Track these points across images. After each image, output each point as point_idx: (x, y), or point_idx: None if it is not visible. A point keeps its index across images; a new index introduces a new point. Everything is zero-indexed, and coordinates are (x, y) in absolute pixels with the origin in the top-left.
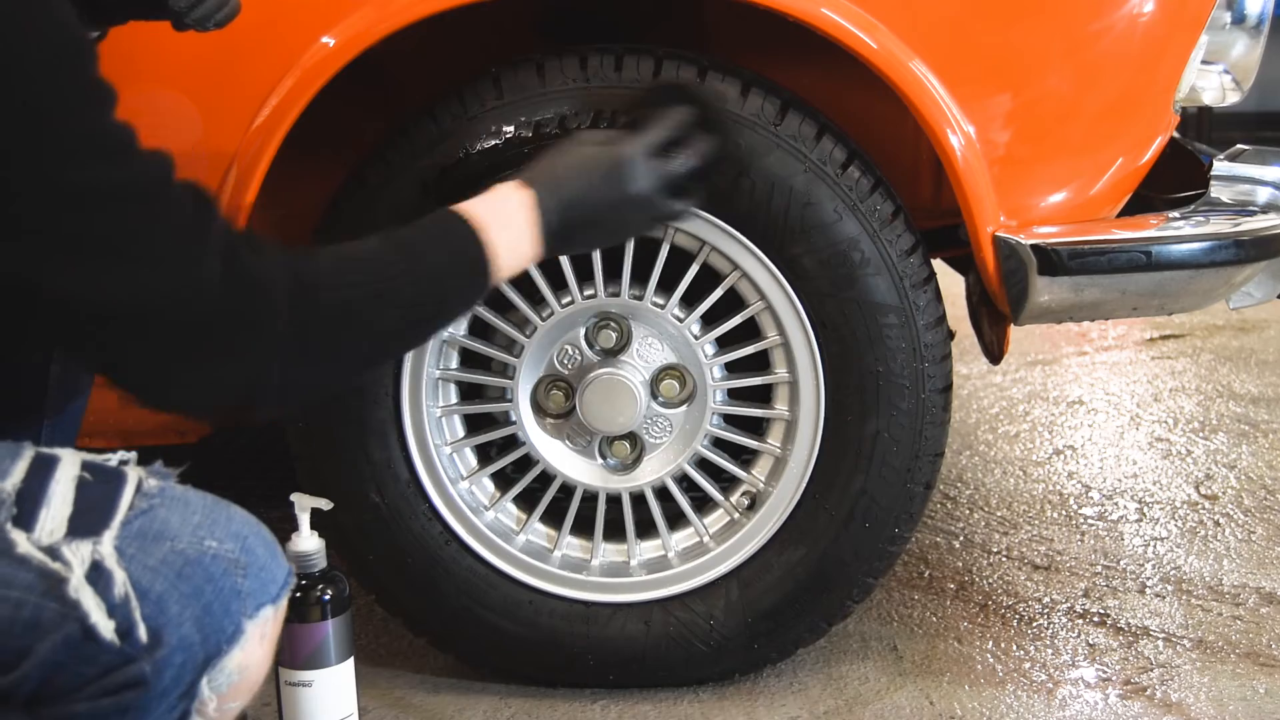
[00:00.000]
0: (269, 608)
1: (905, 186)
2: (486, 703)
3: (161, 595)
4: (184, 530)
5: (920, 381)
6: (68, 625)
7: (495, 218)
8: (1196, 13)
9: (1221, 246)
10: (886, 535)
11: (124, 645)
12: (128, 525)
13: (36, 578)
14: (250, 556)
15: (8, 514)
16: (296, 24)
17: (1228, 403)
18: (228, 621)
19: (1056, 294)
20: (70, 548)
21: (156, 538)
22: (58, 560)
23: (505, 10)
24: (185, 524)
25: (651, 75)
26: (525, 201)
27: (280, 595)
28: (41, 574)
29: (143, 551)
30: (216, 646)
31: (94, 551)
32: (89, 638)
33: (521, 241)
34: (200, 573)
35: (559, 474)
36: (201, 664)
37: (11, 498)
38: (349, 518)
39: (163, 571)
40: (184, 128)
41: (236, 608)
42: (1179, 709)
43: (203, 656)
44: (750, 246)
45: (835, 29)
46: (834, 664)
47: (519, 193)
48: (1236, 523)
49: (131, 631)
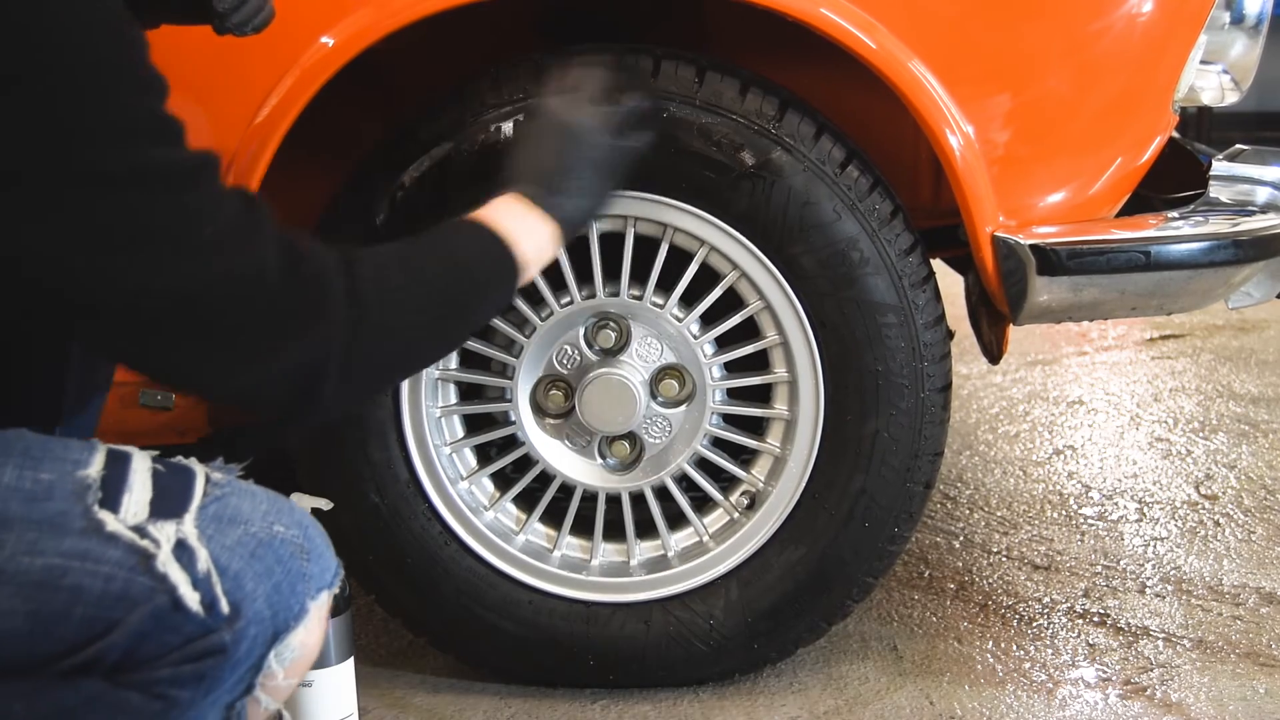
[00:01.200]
0: (326, 592)
1: (904, 186)
2: (486, 703)
3: (239, 572)
4: (254, 515)
5: (919, 381)
6: (157, 597)
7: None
8: (1195, 12)
9: (1220, 246)
10: (886, 535)
11: (207, 616)
12: (204, 509)
13: (125, 554)
14: (311, 544)
15: (94, 497)
16: (296, 23)
17: (1228, 403)
18: (294, 601)
19: (1055, 294)
20: (156, 527)
21: (231, 521)
22: (146, 538)
23: (505, 10)
24: (255, 510)
25: (651, 74)
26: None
27: (334, 582)
28: (131, 550)
29: (220, 533)
30: (285, 623)
31: (177, 530)
32: (176, 608)
33: (543, 242)
34: (271, 554)
35: (558, 474)
36: (271, 638)
37: (97, 482)
38: (349, 518)
39: (238, 551)
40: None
41: (302, 589)
42: (1179, 709)
43: (272, 631)
44: (749, 246)
45: (834, 29)
46: (834, 664)
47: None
48: (1236, 523)
49: (214, 604)
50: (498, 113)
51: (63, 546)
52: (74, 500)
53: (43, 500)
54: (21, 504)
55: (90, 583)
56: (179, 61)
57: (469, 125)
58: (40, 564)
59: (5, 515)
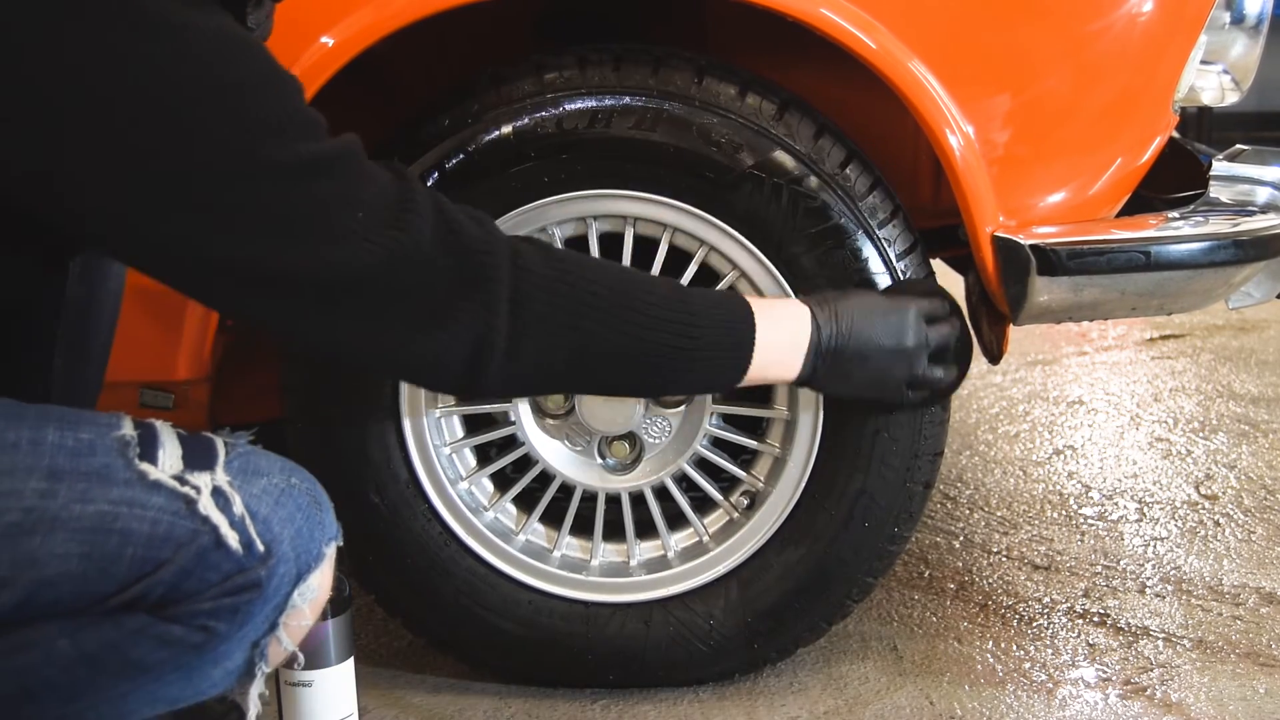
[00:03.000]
0: (334, 542)
1: (904, 186)
2: (486, 703)
3: (267, 517)
4: (273, 470)
5: None
6: (201, 537)
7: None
8: (1196, 13)
9: (1220, 246)
10: (886, 535)
11: (245, 555)
12: (230, 463)
13: (169, 499)
14: (321, 497)
15: (134, 451)
16: (295, 23)
17: (1228, 403)
18: (313, 545)
19: (1055, 294)
20: (193, 475)
21: (254, 473)
22: (186, 485)
23: (505, 10)
24: (272, 466)
25: (649, 74)
26: (803, 313)
27: (338, 535)
28: (173, 495)
29: (247, 483)
30: (306, 564)
31: (212, 479)
32: (218, 547)
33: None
34: (292, 502)
35: (558, 474)
36: (296, 578)
37: (135, 438)
38: (349, 518)
39: (264, 499)
40: None
41: (319, 535)
42: (1179, 709)
43: (297, 571)
44: (749, 246)
45: (834, 29)
46: (834, 664)
47: (800, 304)
48: (1236, 523)
49: (251, 544)
50: (498, 113)
51: (111, 495)
52: (116, 455)
53: (87, 455)
54: (68, 459)
55: (139, 526)
56: None
57: (469, 125)
58: (92, 510)
59: (55, 468)
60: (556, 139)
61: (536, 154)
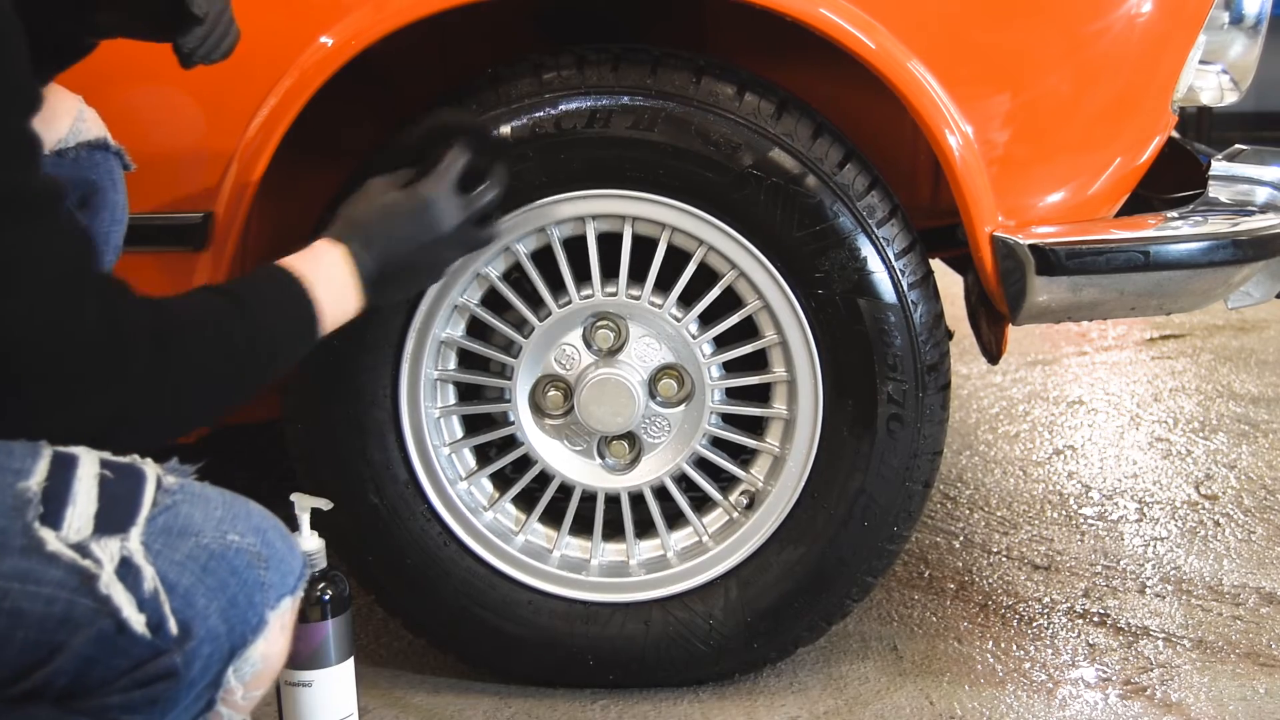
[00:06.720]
0: (288, 599)
1: (903, 186)
2: (486, 703)
3: (189, 589)
4: (207, 525)
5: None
6: (100, 620)
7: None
8: (1194, 13)
9: (1219, 246)
10: (885, 534)
11: (155, 639)
12: (152, 521)
13: (67, 574)
14: (270, 550)
15: (35, 512)
16: (295, 24)
17: (1228, 403)
18: (252, 613)
19: (1054, 294)
20: (99, 544)
21: (181, 533)
22: (88, 557)
23: (505, 10)
24: (208, 519)
25: (647, 74)
26: (341, 258)
27: (298, 586)
28: (72, 570)
29: (169, 547)
30: (242, 637)
31: (122, 548)
32: (121, 632)
33: (345, 298)
34: (225, 566)
35: (558, 474)
36: (228, 654)
37: (38, 496)
38: (348, 518)
39: (189, 566)
40: (183, 127)
41: (260, 599)
42: (1179, 709)
43: (229, 647)
44: (748, 246)
45: (833, 29)
46: (834, 664)
47: (334, 249)
48: (1236, 523)
49: (162, 625)
50: (497, 113)
51: (2, 567)
52: (14, 516)
53: None
54: None
55: (31, 605)
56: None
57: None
58: None
59: None
60: (555, 139)
61: (535, 154)
